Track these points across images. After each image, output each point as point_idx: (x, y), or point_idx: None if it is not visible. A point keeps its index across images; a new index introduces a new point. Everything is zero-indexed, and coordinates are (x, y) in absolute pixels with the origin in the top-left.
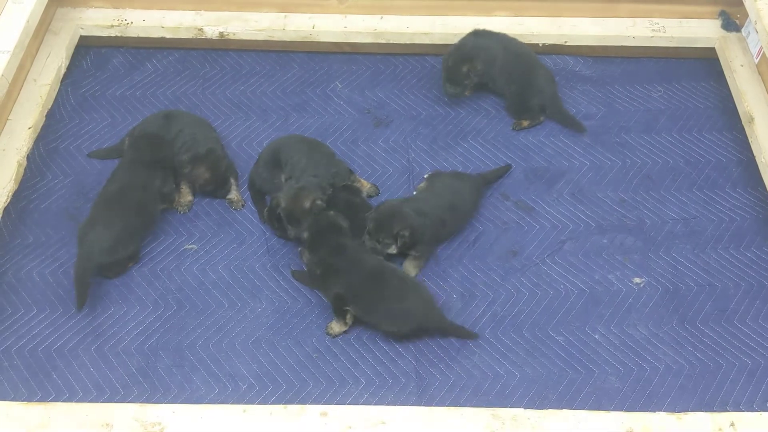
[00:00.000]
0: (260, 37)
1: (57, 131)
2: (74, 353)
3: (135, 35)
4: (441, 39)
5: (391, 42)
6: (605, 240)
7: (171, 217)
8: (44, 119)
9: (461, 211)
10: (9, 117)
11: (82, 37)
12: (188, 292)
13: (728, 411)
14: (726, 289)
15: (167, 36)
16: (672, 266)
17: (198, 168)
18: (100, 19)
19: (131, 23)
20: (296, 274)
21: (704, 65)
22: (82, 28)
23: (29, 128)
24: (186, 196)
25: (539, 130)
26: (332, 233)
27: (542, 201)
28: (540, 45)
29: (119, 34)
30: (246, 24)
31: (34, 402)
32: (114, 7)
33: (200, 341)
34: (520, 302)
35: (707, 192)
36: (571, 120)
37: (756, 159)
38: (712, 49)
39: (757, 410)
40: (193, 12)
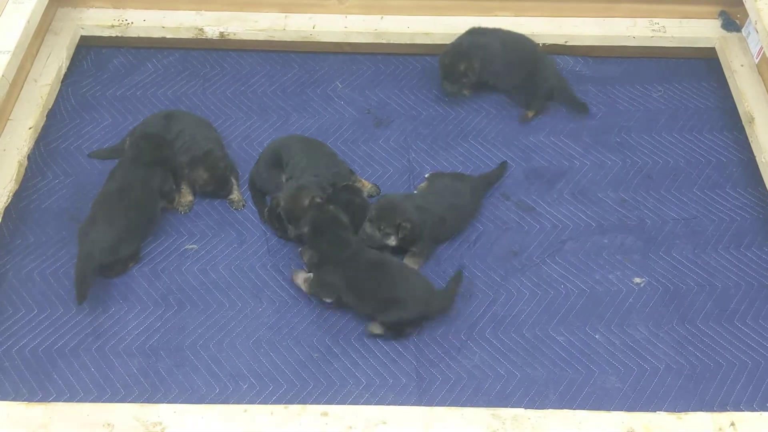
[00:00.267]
0: (261, 37)
1: (58, 131)
2: (75, 353)
3: (135, 35)
4: (441, 39)
5: (392, 42)
6: (606, 240)
7: (172, 217)
8: (45, 119)
9: (461, 212)
10: (10, 117)
11: (83, 37)
12: (189, 292)
13: (728, 411)
14: (726, 289)
15: (168, 36)
16: (672, 266)
17: (197, 169)
18: (101, 19)
19: (132, 23)
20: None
21: (704, 65)
22: (83, 28)
23: (30, 128)
24: (186, 196)
25: (539, 130)
26: (333, 226)
27: (543, 201)
28: (540, 45)
29: (120, 34)
30: (246, 24)
31: (35, 402)
32: (114, 7)
33: (201, 341)
34: (521, 302)
35: (707, 192)
36: (578, 103)
37: (756, 159)
38: (712, 49)
39: (757, 410)
40: (194, 12)
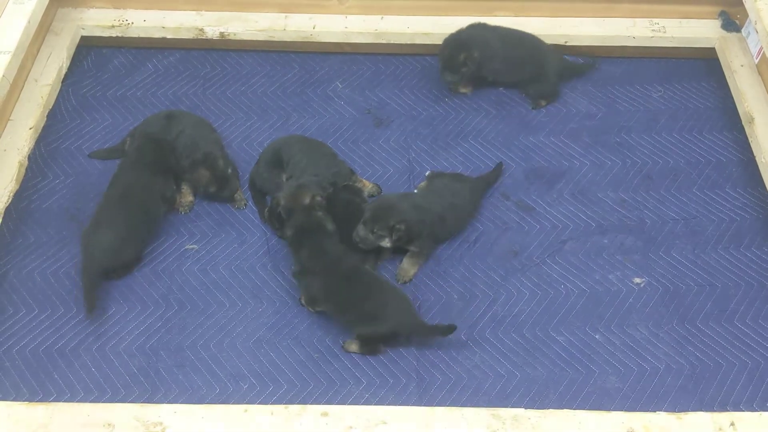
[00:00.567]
0: (261, 38)
1: (58, 131)
2: (75, 353)
3: (136, 35)
4: (441, 39)
5: (392, 42)
6: (606, 240)
7: (172, 218)
8: (45, 119)
9: (461, 212)
10: (10, 117)
11: (83, 38)
12: (189, 292)
13: (728, 411)
14: (726, 289)
15: (168, 36)
16: (672, 266)
17: (199, 171)
18: (101, 20)
19: (132, 23)
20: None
21: (704, 65)
22: (83, 29)
23: (30, 128)
24: (187, 197)
25: (539, 130)
26: (315, 235)
27: (543, 201)
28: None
29: (120, 35)
30: (247, 24)
31: (36, 402)
32: (115, 8)
33: (201, 341)
34: (521, 302)
35: (707, 192)
36: (587, 67)
37: (756, 159)
38: (712, 50)
39: (757, 410)
40: (194, 12)
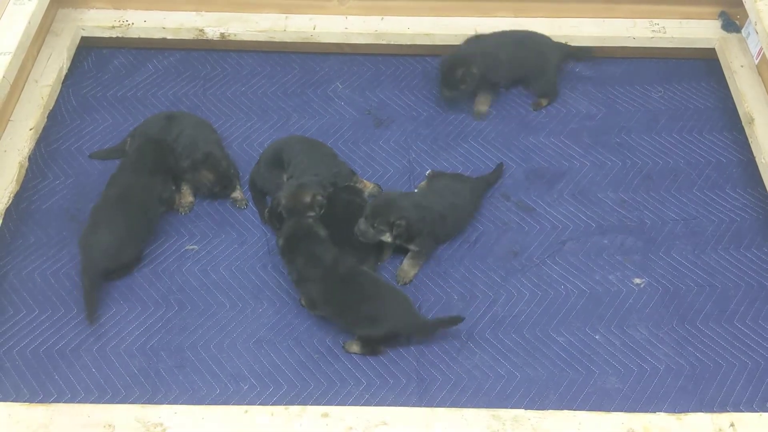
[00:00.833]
0: (261, 38)
1: (58, 132)
2: (76, 354)
3: (136, 36)
4: (442, 40)
5: (392, 43)
6: (606, 240)
7: (172, 218)
8: (45, 120)
9: (461, 211)
10: (10, 118)
11: (84, 38)
12: (189, 293)
13: (728, 411)
14: (726, 290)
15: (168, 37)
16: (672, 267)
17: (201, 172)
18: (101, 20)
19: (132, 24)
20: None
21: (704, 66)
22: (83, 29)
23: (31, 129)
24: (187, 197)
25: (539, 131)
26: (308, 242)
27: (543, 201)
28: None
29: (120, 35)
30: (247, 25)
31: (36, 403)
32: (115, 8)
33: (201, 342)
34: (521, 303)
35: (707, 192)
36: (579, 51)
37: (756, 159)
38: (712, 50)
39: (757, 410)
40: (194, 13)
